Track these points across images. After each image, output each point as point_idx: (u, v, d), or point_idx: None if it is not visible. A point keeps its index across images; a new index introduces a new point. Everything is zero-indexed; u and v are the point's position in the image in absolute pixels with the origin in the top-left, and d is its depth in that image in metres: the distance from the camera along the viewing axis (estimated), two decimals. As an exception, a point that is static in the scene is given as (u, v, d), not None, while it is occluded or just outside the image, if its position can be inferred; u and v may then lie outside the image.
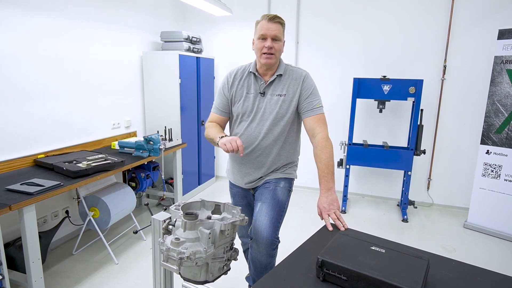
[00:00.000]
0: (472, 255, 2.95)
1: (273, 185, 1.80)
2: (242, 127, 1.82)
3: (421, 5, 3.69)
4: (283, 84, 1.77)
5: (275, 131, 1.77)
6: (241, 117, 1.83)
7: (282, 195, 1.79)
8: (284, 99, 1.75)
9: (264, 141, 1.78)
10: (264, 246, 1.67)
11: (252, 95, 1.79)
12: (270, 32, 1.66)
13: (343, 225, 1.47)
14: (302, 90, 1.75)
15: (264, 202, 1.75)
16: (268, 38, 1.67)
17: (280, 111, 1.75)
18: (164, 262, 1.31)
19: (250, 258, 1.80)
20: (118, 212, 2.78)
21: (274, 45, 1.68)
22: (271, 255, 1.71)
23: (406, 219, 3.57)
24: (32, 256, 1.98)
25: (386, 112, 3.93)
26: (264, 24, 1.68)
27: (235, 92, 1.82)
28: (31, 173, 2.39)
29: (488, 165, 3.33)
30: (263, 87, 1.77)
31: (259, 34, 1.70)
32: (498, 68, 3.21)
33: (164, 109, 3.80)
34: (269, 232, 1.66)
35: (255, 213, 1.75)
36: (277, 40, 1.69)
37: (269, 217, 1.69)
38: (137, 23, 3.71)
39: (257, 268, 1.77)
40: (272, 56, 1.70)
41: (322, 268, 1.07)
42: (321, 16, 4.09)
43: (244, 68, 1.85)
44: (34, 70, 2.60)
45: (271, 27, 1.66)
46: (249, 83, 1.81)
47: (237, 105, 1.82)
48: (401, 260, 1.07)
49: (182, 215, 1.33)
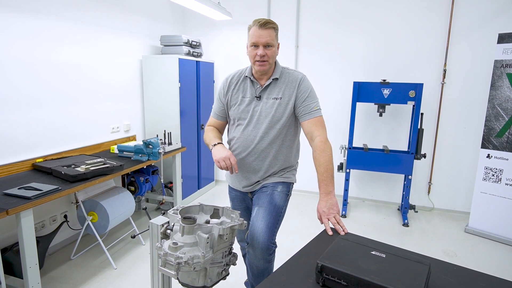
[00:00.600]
0: (474, 260, 2.92)
1: (270, 189, 1.79)
2: (238, 131, 1.82)
3: (421, 8, 3.70)
4: (279, 87, 1.76)
5: (270, 134, 1.76)
6: (237, 121, 1.83)
7: (279, 200, 1.77)
8: (280, 103, 1.74)
9: (260, 145, 1.77)
10: (260, 251, 1.65)
11: (248, 99, 1.79)
12: (261, 39, 1.64)
13: (343, 229, 1.46)
14: (298, 94, 1.74)
15: (261, 207, 1.73)
16: (260, 46, 1.65)
17: (276, 115, 1.74)
18: (162, 267, 1.29)
19: (247, 263, 1.79)
20: (117, 216, 2.77)
21: (267, 52, 1.66)
22: (267, 261, 1.69)
23: (406, 224, 3.55)
24: (29, 261, 1.96)
25: (386, 116, 3.93)
26: (255, 31, 1.65)
27: (231, 97, 1.83)
28: (29, 177, 2.38)
29: (489, 169, 3.32)
30: (259, 91, 1.77)
31: (250, 41, 1.68)
32: (498, 72, 3.21)
33: (163, 113, 3.79)
34: (265, 237, 1.64)
35: (252, 217, 1.74)
36: (270, 46, 1.67)
37: (266, 221, 1.67)
38: (137, 27, 3.72)
39: (254, 273, 1.76)
40: (265, 63, 1.68)
41: (322, 273, 1.05)
42: (321, 20, 4.09)
43: (240, 72, 1.85)
44: (33, 74, 2.59)
45: (262, 34, 1.64)
46: (245, 87, 1.80)
47: (233, 109, 1.82)
48: (402, 265, 1.05)
49: (180, 219, 1.32)
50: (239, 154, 1.83)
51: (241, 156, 1.82)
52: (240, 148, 1.82)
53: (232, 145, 1.87)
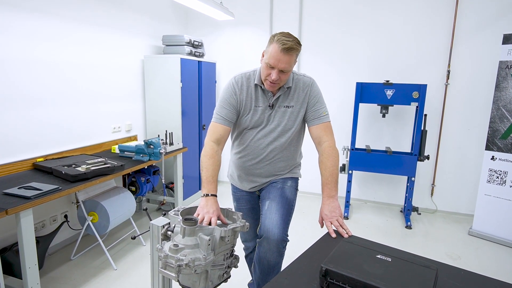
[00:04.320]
0: (478, 263, 2.89)
1: (280, 183, 1.79)
2: (248, 138, 1.78)
3: (425, 10, 3.67)
4: (290, 95, 1.73)
5: (281, 142, 1.74)
6: (249, 129, 1.77)
7: (290, 194, 1.78)
8: (292, 111, 1.72)
9: (272, 153, 1.76)
10: (275, 243, 1.62)
11: (261, 108, 1.72)
12: (280, 64, 1.54)
13: (346, 232, 1.43)
14: (309, 99, 1.72)
15: (272, 200, 1.72)
16: (276, 69, 1.56)
17: (288, 123, 1.72)
18: (162, 269, 1.27)
19: (257, 259, 1.73)
20: (117, 217, 2.74)
21: (281, 76, 1.58)
22: (281, 254, 1.66)
23: (409, 226, 3.52)
24: (28, 261, 1.94)
25: (389, 117, 3.90)
26: (276, 52, 1.52)
27: (244, 105, 1.74)
28: (29, 177, 2.36)
29: (493, 171, 3.28)
30: (272, 100, 1.72)
31: (268, 60, 1.56)
32: (503, 73, 3.17)
33: (165, 113, 3.77)
34: (280, 229, 1.62)
35: (264, 211, 1.71)
36: (285, 72, 1.59)
37: (280, 214, 1.66)
38: (139, 27, 3.70)
39: (264, 269, 1.71)
40: (276, 85, 1.63)
41: (326, 277, 1.03)
42: (324, 21, 4.07)
43: (248, 76, 1.75)
44: (35, 73, 2.58)
45: (282, 60, 1.52)
46: (256, 96, 1.73)
47: (245, 118, 1.75)
48: (408, 270, 1.02)
49: (181, 220, 1.30)
50: (248, 161, 1.80)
51: (250, 163, 1.80)
52: (250, 155, 1.79)
53: (240, 151, 1.83)
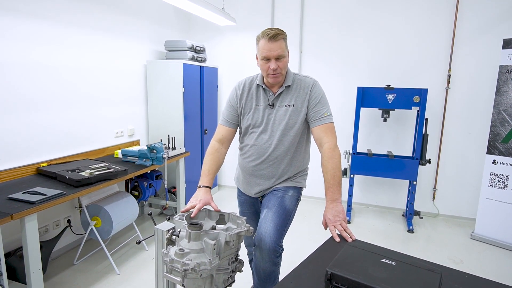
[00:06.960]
0: (480, 267, 2.89)
1: (281, 192, 1.79)
2: (252, 138, 1.81)
3: (426, 14, 3.70)
4: (291, 94, 1.75)
5: (285, 142, 1.75)
6: (251, 129, 1.81)
7: (289, 203, 1.77)
8: (293, 110, 1.74)
9: (275, 152, 1.76)
10: (267, 253, 1.63)
11: (261, 107, 1.77)
12: (272, 53, 1.61)
13: (350, 236, 1.44)
14: (310, 99, 1.74)
15: (270, 209, 1.72)
16: (272, 59, 1.62)
17: (290, 122, 1.74)
18: (167, 274, 1.27)
19: (254, 266, 1.77)
20: (120, 221, 2.75)
21: (279, 64, 1.64)
22: (274, 263, 1.67)
23: (411, 230, 3.52)
24: (33, 266, 1.95)
25: (391, 121, 3.91)
26: (265, 44, 1.61)
27: (244, 105, 1.80)
28: (33, 182, 2.37)
29: (495, 175, 3.29)
30: (272, 98, 1.76)
31: (261, 55, 1.64)
32: (503, 77, 3.19)
33: (167, 118, 3.79)
34: (273, 239, 1.63)
35: (260, 219, 1.72)
36: (281, 58, 1.64)
37: (274, 223, 1.66)
38: (141, 32, 3.73)
39: (261, 277, 1.74)
40: (278, 75, 1.67)
41: (331, 281, 1.03)
42: (325, 25, 4.10)
43: (252, 79, 1.83)
44: (37, 79, 2.60)
45: (273, 47, 1.60)
46: (257, 95, 1.79)
47: (246, 117, 1.80)
48: (413, 274, 1.03)
49: (187, 225, 1.31)
50: (253, 161, 1.82)
51: (255, 163, 1.81)
52: (254, 155, 1.81)
53: (245, 152, 1.85)
